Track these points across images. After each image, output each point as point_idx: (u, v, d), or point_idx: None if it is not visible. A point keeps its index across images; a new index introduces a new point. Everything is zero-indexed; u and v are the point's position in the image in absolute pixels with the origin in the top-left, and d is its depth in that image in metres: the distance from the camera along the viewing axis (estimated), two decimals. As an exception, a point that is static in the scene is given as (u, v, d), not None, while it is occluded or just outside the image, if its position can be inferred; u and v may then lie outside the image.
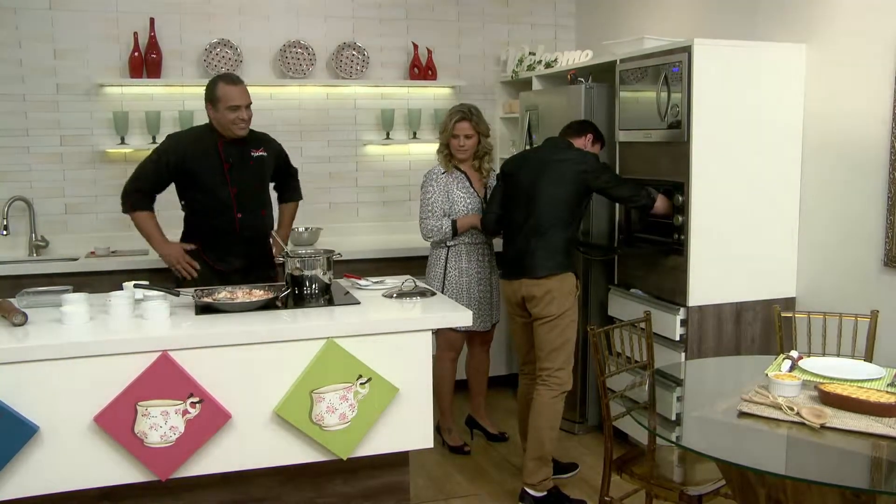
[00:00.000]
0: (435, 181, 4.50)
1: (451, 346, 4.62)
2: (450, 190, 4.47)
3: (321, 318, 3.10)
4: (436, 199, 4.46)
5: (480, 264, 4.55)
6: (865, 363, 3.10)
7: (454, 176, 4.50)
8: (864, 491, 2.40)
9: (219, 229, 4.16)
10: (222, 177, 4.11)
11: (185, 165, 4.08)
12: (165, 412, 2.79)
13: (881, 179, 3.72)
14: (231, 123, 4.04)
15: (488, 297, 4.60)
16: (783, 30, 4.23)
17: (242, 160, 4.17)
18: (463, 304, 4.24)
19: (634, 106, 4.45)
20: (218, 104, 4.03)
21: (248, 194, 4.19)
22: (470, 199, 4.49)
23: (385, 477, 3.27)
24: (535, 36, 6.27)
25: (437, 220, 4.45)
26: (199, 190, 4.13)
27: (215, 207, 4.13)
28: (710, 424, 2.77)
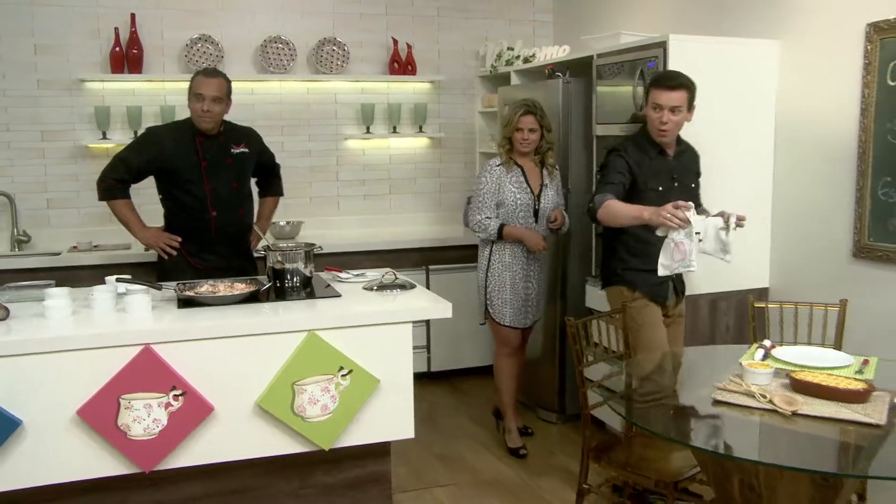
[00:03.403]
0: (489, 173, 4.36)
1: (505, 342, 4.50)
2: (502, 183, 4.32)
3: (302, 311, 3.10)
4: (487, 190, 4.33)
5: (525, 261, 4.40)
6: (835, 351, 3.13)
7: (510, 170, 4.34)
8: (832, 475, 2.43)
9: (196, 227, 4.10)
10: (199, 174, 4.04)
11: (164, 160, 4.02)
12: (148, 405, 2.78)
13: (850, 172, 3.76)
14: (195, 114, 3.98)
15: (527, 295, 4.44)
16: (756, 26, 4.26)
17: (221, 157, 4.09)
18: (505, 299, 4.38)
19: (611, 100, 4.46)
20: (189, 94, 4.00)
21: (225, 193, 4.11)
22: (521, 195, 4.33)
23: (367, 467, 3.29)
24: (513, 31, 6.27)
25: (486, 215, 4.33)
26: (176, 186, 4.07)
27: (191, 205, 4.07)
28: (685, 412, 2.79)
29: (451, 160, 6.28)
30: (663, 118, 3.52)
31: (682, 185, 3.68)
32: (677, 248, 3.16)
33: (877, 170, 3.63)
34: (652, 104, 3.54)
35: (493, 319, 4.44)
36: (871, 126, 3.63)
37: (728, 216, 3.33)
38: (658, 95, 3.51)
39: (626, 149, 3.63)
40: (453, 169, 6.29)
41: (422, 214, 6.24)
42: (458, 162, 6.30)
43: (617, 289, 3.74)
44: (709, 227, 3.43)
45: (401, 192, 6.18)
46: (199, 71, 4.10)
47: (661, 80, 3.57)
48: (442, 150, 6.24)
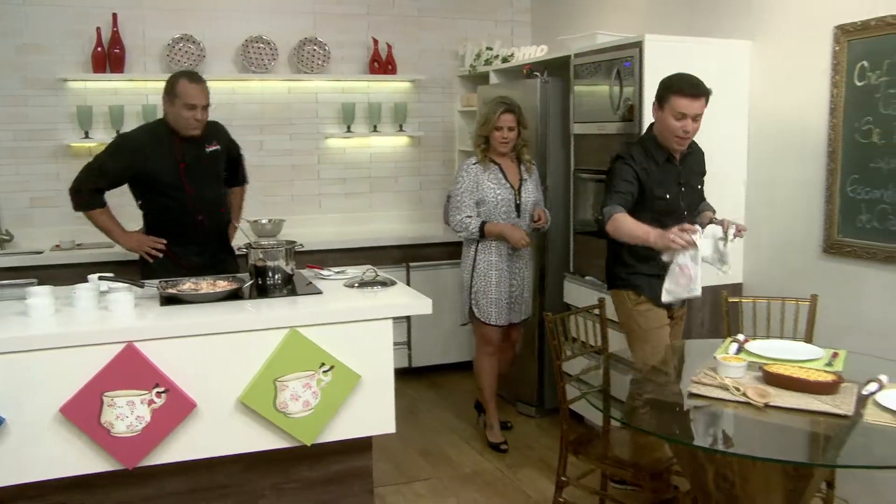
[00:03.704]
0: (466, 172, 4.32)
1: (487, 341, 4.45)
2: (480, 181, 4.28)
3: (284, 308, 3.10)
4: (465, 189, 4.28)
5: (511, 259, 4.37)
6: (806, 345, 3.17)
7: (488, 168, 4.31)
8: (802, 465, 2.47)
9: (182, 229, 4.03)
10: (180, 178, 3.95)
11: (143, 167, 3.91)
12: (132, 402, 2.77)
13: (820, 170, 3.80)
14: (185, 121, 3.87)
15: (511, 293, 4.40)
16: (729, 26, 4.29)
17: (198, 159, 4.01)
18: (490, 298, 4.33)
19: (588, 99, 4.49)
20: (176, 100, 3.85)
21: (207, 194, 4.06)
22: (501, 191, 4.29)
23: (349, 462, 3.28)
24: (492, 31, 6.28)
25: (467, 215, 4.27)
26: (158, 192, 3.97)
27: (176, 208, 3.99)
28: (661, 405, 2.81)
29: (430, 159, 6.29)
30: (687, 127, 3.34)
31: (688, 189, 3.58)
32: (682, 272, 3.06)
33: (846, 168, 3.67)
34: (674, 112, 3.32)
35: (478, 319, 4.41)
36: (839, 125, 3.67)
37: (728, 226, 3.32)
38: (681, 103, 3.30)
39: (633, 155, 3.44)
40: (433, 167, 6.30)
41: (402, 212, 6.24)
42: (437, 160, 6.31)
43: (623, 293, 3.62)
44: (708, 237, 3.43)
45: (381, 190, 6.18)
46: (181, 73, 3.95)
47: (684, 88, 3.31)
48: (422, 149, 6.25)
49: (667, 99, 3.34)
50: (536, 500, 3.89)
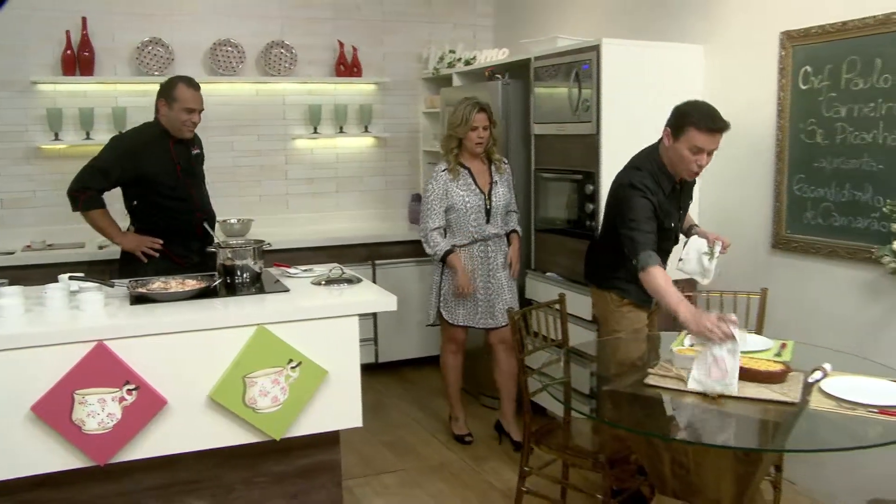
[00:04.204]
0: (435, 180, 4.21)
1: (452, 339, 4.42)
2: (449, 188, 4.18)
3: (252, 306, 3.09)
4: (434, 198, 4.19)
5: (482, 262, 4.28)
6: (756, 336, 3.22)
7: (458, 174, 4.20)
8: (752, 450, 2.52)
9: (181, 228, 4.07)
10: (177, 178, 4.04)
11: (144, 169, 3.97)
12: (102, 400, 2.75)
13: (769, 169, 3.87)
14: (182, 124, 4.00)
15: (492, 296, 4.30)
16: (683, 31, 4.35)
17: (188, 160, 4.13)
18: (458, 300, 4.27)
19: (548, 101, 4.52)
20: (174, 104, 3.97)
21: (200, 191, 4.20)
22: (470, 197, 4.19)
23: (317, 456, 3.28)
24: (455, 35, 6.30)
25: (437, 225, 4.20)
26: (158, 193, 4.02)
27: (176, 208, 4.05)
28: (620, 397, 2.84)
29: (395, 159, 6.29)
30: (701, 161, 3.12)
31: (683, 213, 3.51)
32: (716, 363, 2.64)
33: (792, 167, 3.75)
34: (690, 146, 3.08)
35: (446, 320, 4.35)
36: (786, 126, 3.74)
37: (713, 242, 3.32)
38: (700, 138, 3.06)
39: (648, 186, 3.19)
40: (398, 167, 6.30)
41: (368, 211, 6.24)
42: (402, 161, 6.31)
43: (607, 293, 3.57)
44: (691, 250, 3.45)
45: (347, 189, 6.17)
46: (179, 79, 4.06)
47: (705, 122, 3.06)
48: (387, 150, 6.25)
49: (684, 130, 3.10)
50: (501, 489, 3.92)
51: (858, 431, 2.40)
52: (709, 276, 3.34)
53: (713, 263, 3.31)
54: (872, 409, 2.46)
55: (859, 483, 3.47)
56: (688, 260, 3.41)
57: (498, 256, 4.32)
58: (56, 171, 5.29)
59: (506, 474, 4.07)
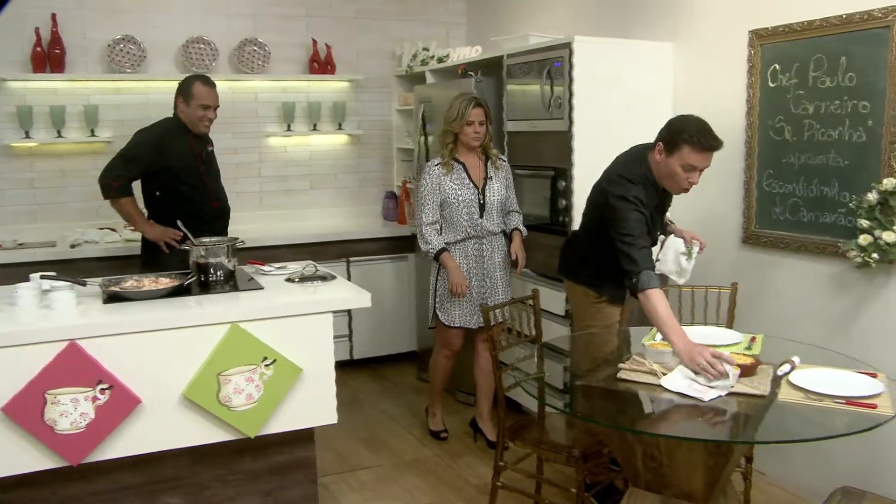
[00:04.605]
0: (428, 175, 4.13)
1: (447, 345, 4.31)
2: (442, 182, 4.10)
3: (226, 304, 3.07)
4: (428, 192, 4.11)
5: (477, 260, 4.19)
6: (727, 330, 3.26)
7: (451, 169, 4.12)
8: (723, 442, 2.54)
9: (202, 217, 4.23)
10: (198, 170, 4.31)
11: (168, 159, 4.20)
12: (75, 399, 2.72)
13: (739, 165, 3.91)
14: (199, 120, 4.25)
15: (485, 294, 4.21)
16: (653, 29, 4.38)
17: (207, 153, 4.42)
18: (454, 301, 4.17)
19: (521, 98, 4.53)
20: (191, 101, 4.22)
21: (218, 183, 4.48)
22: (463, 192, 4.11)
23: (292, 453, 3.27)
24: (428, 32, 6.29)
25: (432, 220, 4.12)
26: (182, 182, 4.25)
27: (197, 198, 4.29)
28: (592, 391, 2.86)
29: (369, 156, 6.28)
30: (693, 179, 3.08)
31: (662, 216, 3.51)
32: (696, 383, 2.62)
33: (761, 163, 3.79)
34: (683, 164, 3.02)
35: (442, 322, 4.25)
36: (755, 123, 3.78)
37: (690, 242, 3.32)
38: (693, 157, 3.01)
39: (641, 199, 3.13)
40: (372, 164, 6.29)
41: (342, 209, 6.22)
42: (376, 158, 6.30)
43: (583, 289, 3.56)
44: (668, 250, 3.45)
45: (321, 187, 6.15)
46: (195, 77, 4.30)
47: (699, 141, 2.99)
48: (361, 147, 6.23)
49: (678, 147, 3.03)
50: (476, 484, 3.93)
51: (826, 422, 2.43)
52: (685, 275, 3.36)
53: (691, 264, 3.33)
54: (839, 401, 2.49)
55: (827, 472, 3.52)
56: (665, 260, 3.43)
57: (494, 255, 4.23)
58: (27, 170, 5.23)
59: (481, 470, 4.07)
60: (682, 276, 3.39)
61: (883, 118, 3.23)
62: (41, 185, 5.29)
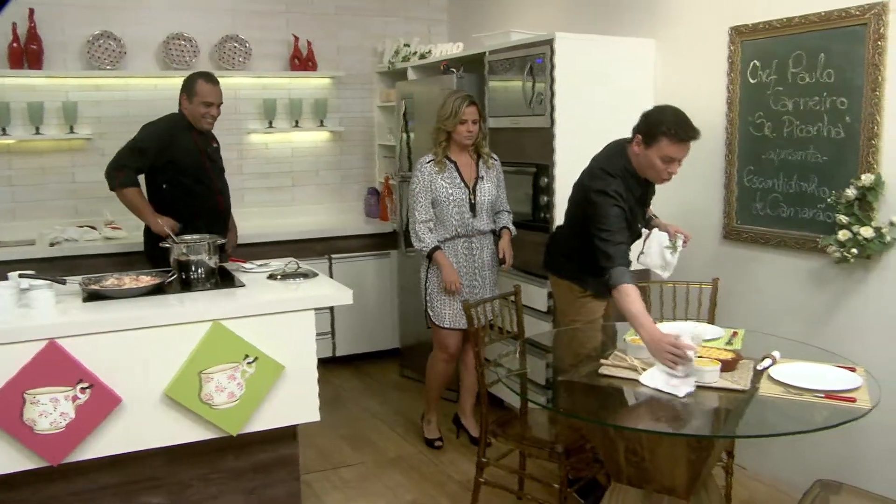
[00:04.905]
0: (420, 172, 4.07)
1: (442, 348, 4.22)
2: (433, 180, 4.04)
3: (207, 302, 3.06)
4: (420, 190, 4.04)
5: (467, 259, 4.14)
6: (708, 325, 3.28)
7: (443, 167, 4.06)
8: (705, 437, 2.55)
9: (206, 210, 4.34)
10: (202, 164, 4.35)
11: (170, 155, 4.23)
12: (55, 399, 2.70)
13: (719, 161, 3.92)
14: (201, 117, 4.28)
15: (475, 293, 4.13)
16: (634, 25, 4.39)
17: (212, 149, 4.46)
18: (444, 300, 4.11)
19: (503, 94, 4.53)
20: (194, 98, 4.25)
21: (223, 180, 4.53)
22: (453, 190, 4.05)
23: (275, 451, 3.26)
24: (409, 29, 6.28)
25: (426, 218, 4.05)
26: (186, 175, 4.28)
27: (202, 193, 4.34)
28: (575, 387, 2.86)
29: (351, 153, 6.26)
30: (672, 169, 3.10)
31: (646, 208, 3.52)
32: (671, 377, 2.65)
33: (742, 159, 3.81)
34: (662, 155, 3.04)
35: (434, 322, 4.19)
36: (736, 119, 3.80)
37: (675, 236, 3.33)
38: (672, 149, 3.03)
39: (620, 193, 3.15)
40: (353, 161, 6.27)
41: (324, 205, 6.20)
42: (357, 154, 6.28)
43: (568, 283, 3.57)
44: (653, 243, 3.46)
45: (303, 184, 6.12)
46: (198, 74, 4.32)
47: (677, 133, 3.02)
48: (342, 143, 6.21)
49: (656, 140, 3.04)
50: (459, 480, 3.93)
51: (805, 416, 2.45)
52: (670, 269, 3.37)
53: (675, 257, 3.33)
54: (818, 394, 2.51)
55: (806, 465, 3.55)
56: (649, 254, 3.43)
57: (483, 254, 4.19)
58: (5, 167, 5.17)
59: (463, 466, 4.08)
60: (667, 269, 3.40)
61: (860, 114, 3.26)
62: (19, 182, 5.23)
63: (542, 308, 4.25)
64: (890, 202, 3.21)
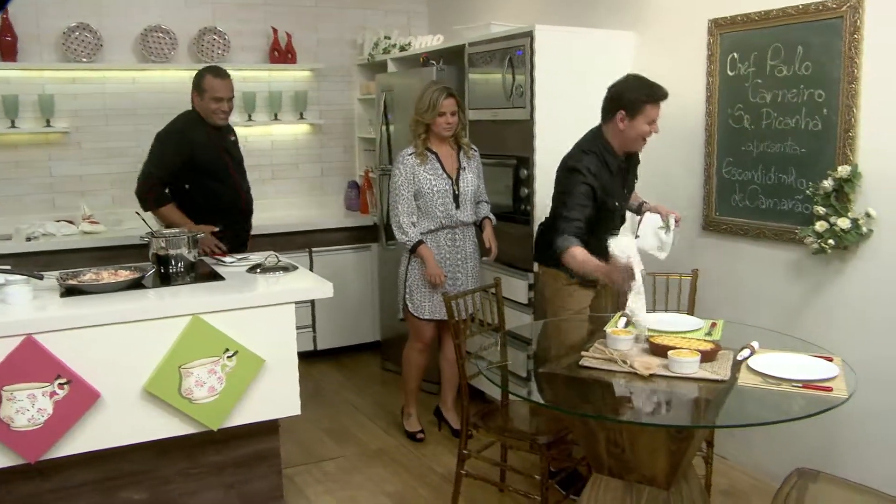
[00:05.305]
0: (402, 164, 4.03)
1: (419, 337, 4.23)
2: (416, 172, 4.01)
3: (186, 296, 3.04)
4: (402, 183, 4.01)
5: (450, 250, 4.12)
6: (688, 316, 3.28)
7: (425, 159, 4.03)
8: (685, 427, 2.57)
9: (229, 207, 4.33)
10: (222, 161, 4.30)
11: (193, 155, 4.18)
12: (32, 395, 2.67)
13: (699, 153, 3.94)
14: (212, 113, 4.21)
15: (458, 285, 4.12)
16: (614, 18, 4.39)
17: (229, 145, 4.41)
18: (424, 292, 4.09)
19: (483, 87, 4.52)
20: (204, 94, 4.19)
21: (242, 173, 4.48)
22: (437, 181, 4.03)
23: (256, 445, 3.26)
24: (389, 21, 6.25)
25: (409, 213, 4.03)
26: (207, 174, 4.24)
27: (223, 191, 4.30)
28: (555, 379, 2.87)
29: (331, 145, 6.23)
30: (655, 129, 3.33)
31: (628, 189, 3.57)
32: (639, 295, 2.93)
33: (721, 151, 3.82)
34: (648, 120, 3.26)
35: (412, 314, 4.18)
36: (715, 112, 3.82)
37: (667, 215, 3.36)
38: (654, 111, 3.26)
39: (590, 169, 3.30)
40: (334, 154, 6.25)
41: (304, 199, 6.17)
42: (338, 147, 6.26)
43: (554, 271, 3.60)
44: (646, 227, 3.46)
45: (283, 177, 6.09)
46: (206, 70, 4.25)
47: (656, 95, 3.25)
48: (323, 136, 6.19)
49: (640, 108, 3.24)
50: (441, 473, 3.94)
51: (783, 405, 2.47)
52: (666, 249, 3.36)
53: (670, 236, 3.35)
54: (796, 384, 2.53)
55: (785, 454, 3.58)
56: (644, 236, 3.43)
57: (466, 245, 4.18)
58: (-20, 161, 5.12)
59: (445, 458, 4.08)
60: (664, 249, 3.39)
61: (838, 107, 3.28)
62: (-5, 176, 5.18)
63: (523, 300, 4.26)
64: (866, 193, 3.24)
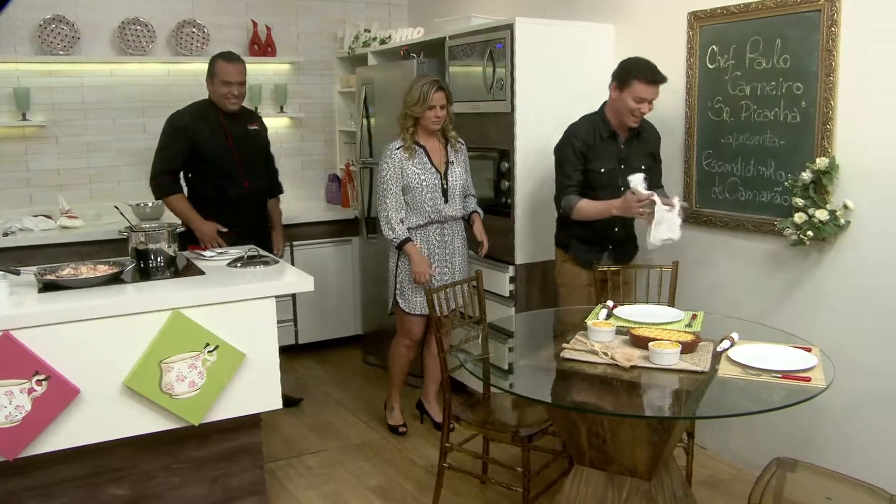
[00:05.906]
0: (389, 158, 3.97)
1: (407, 333, 4.18)
2: (404, 167, 3.95)
3: (166, 290, 3.01)
4: (390, 177, 3.95)
5: (439, 245, 4.07)
6: (669, 308, 3.30)
7: (413, 153, 3.98)
8: (665, 419, 2.58)
9: (229, 196, 4.28)
10: (227, 148, 4.27)
11: (195, 140, 4.20)
12: (10, 392, 2.64)
13: (679, 145, 3.95)
14: (223, 97, 4.21)
15: (446, 280, 4.05)
16: (594, 10, 4.39)
17: (244, 132, 4.37)
18: (415, 287, 4.03)
19: (464, 80, 4.51)
20: (215, 79, 4.22)
21: (252, 163, 4.40)
22: (425, 176, 3.97)
23: (238, 439, 3.24)
24: (369, 14, 6.23)
25: (396, 206, 3.97)
26: (208, 161, 4.23)
27: (224, 177, 4.26)
28: (537, 371, 2.88)
29: (311, 139, 6.20)
30: (643, 108, 3.54)
31: (629, 167, 3.61)
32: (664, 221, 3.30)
33: (701, 143, 3.84)
34: (634, 96, 3.49)
35: (403, 309, 4.12)
36: (695, 104, 3.83)
37: (671, 201, 3.38)
38: (642, 89, 3.47)
39: (577, 133, 3.65)
40: (314, 147, 6.22)
41: (285, 192, 6.12)
42: (318, 140, 6.23)
43: (557, 249, 3.90)
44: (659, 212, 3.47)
45: (264, 171, 6.05)
46: (219, 55, 4.28)
47: (646, 75, 3.48)
48: (303, 130, 6.16)
49: (628, 83, 3.50)
50: (423, 466, 3.94)
51: (763, 396, 2.48)
52: (675, 229, 3.34)
53: (675, 213, 3.33)
54: (776, 375, 2.55)
55: (765, 444, 3.61)
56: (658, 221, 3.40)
57: (455, 240, 4.13)
58: (-44, 155, 5.06)
59: (427, 451, 4.08)
60: (673, 230, 3.37)
61: (816, 99, 3.30)
62: (-29, 171, 5.12)
63: (504, 293, 4.26)
64: (844, 185, 3.26)
